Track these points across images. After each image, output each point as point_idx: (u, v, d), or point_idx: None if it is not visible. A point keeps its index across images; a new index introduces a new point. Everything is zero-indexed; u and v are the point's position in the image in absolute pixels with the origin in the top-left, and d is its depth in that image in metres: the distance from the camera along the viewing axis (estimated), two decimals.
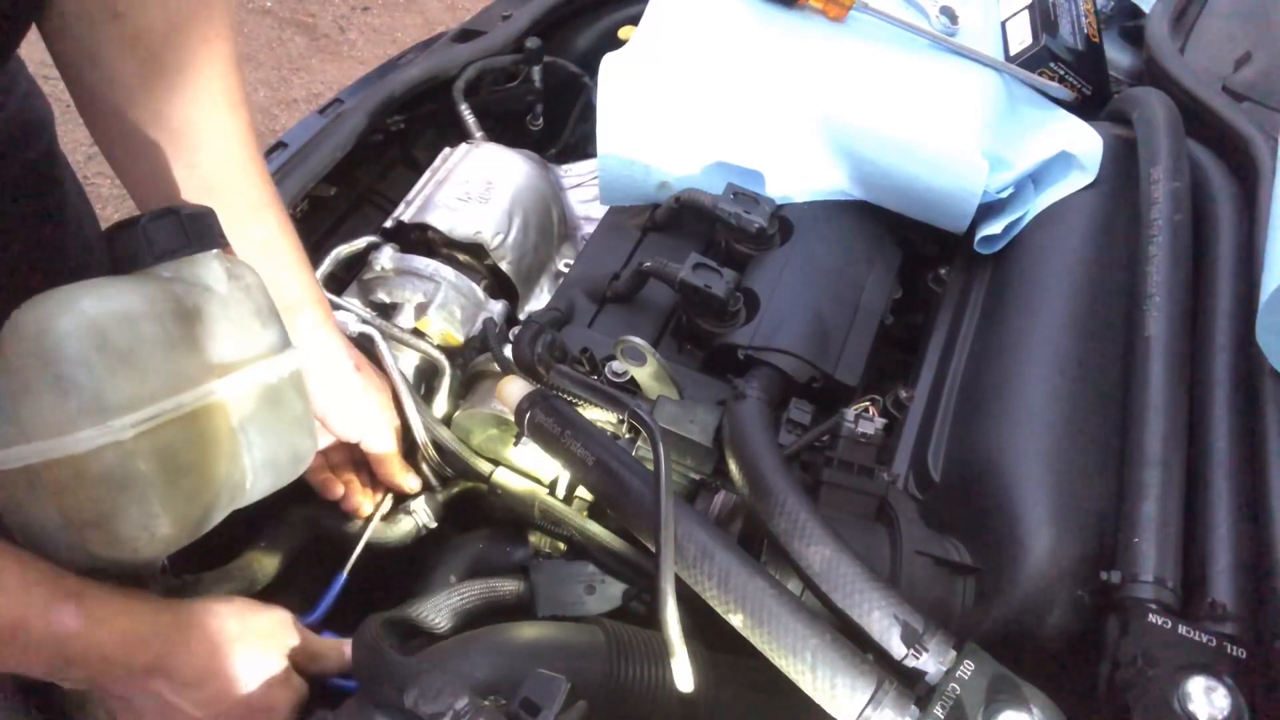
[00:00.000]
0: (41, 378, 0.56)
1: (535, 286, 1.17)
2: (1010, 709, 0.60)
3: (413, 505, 0.94)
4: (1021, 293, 0.97)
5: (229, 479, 0.65)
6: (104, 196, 2.46)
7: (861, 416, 0.83)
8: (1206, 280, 0.93)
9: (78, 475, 0.56)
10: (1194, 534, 0.74)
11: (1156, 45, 1.26)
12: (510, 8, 1.40)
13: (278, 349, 0.70)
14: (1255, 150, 1.01)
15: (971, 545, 0.78)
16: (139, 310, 0.59)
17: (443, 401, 0.96)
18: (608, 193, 1.14)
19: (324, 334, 0.85)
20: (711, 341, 0.96)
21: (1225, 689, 0.61)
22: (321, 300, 0.85)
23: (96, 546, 0.58)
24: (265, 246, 0.78)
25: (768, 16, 1.11)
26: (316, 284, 0.85)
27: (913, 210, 1.08)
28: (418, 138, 1.33)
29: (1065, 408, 0.83)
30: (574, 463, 0.78)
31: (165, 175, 0.72)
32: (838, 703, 0.62)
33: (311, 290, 0.84)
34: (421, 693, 0.63)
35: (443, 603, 0.81)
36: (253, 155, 0.77)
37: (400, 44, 3.05)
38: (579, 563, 0.88)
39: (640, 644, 0.75)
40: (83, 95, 0.71)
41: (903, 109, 1.05)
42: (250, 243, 0.76)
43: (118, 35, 0.67)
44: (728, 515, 0.83)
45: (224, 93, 0.73)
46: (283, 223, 0.81)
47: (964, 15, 1.17)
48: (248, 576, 0.84)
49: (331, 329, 0.86)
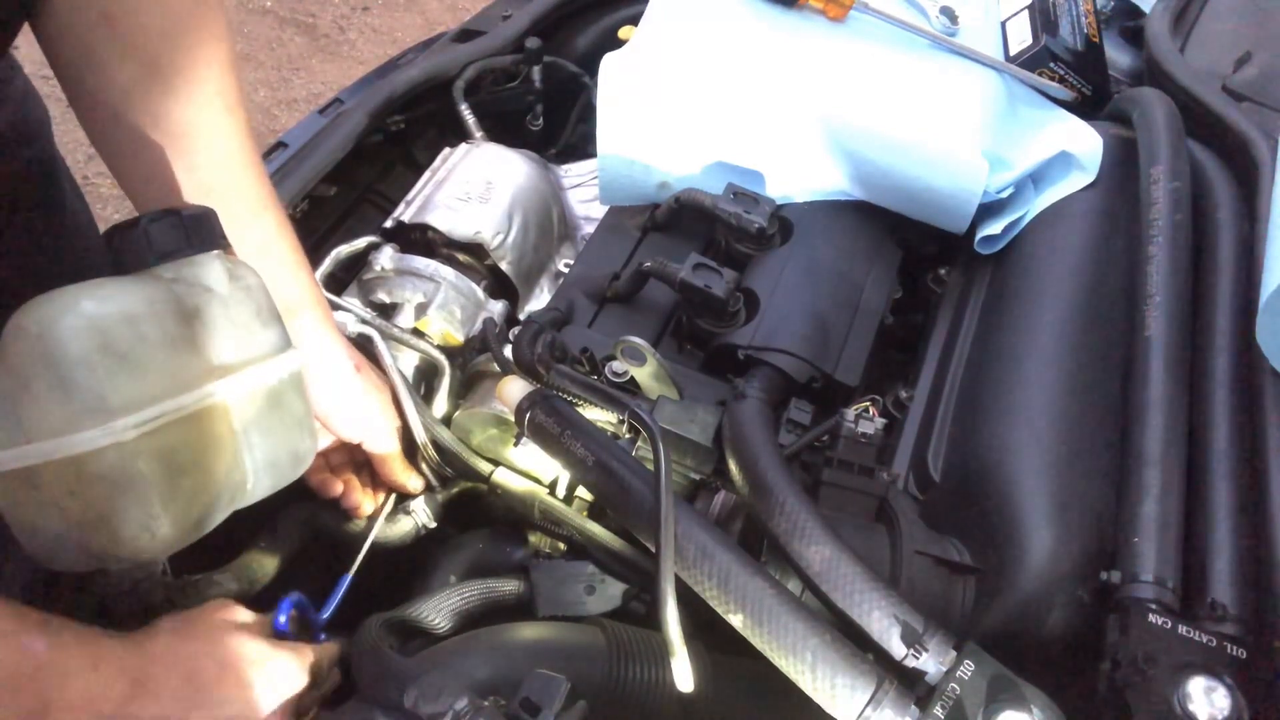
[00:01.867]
0: (43, 378, 0.56)
1: (535, 286, 1.17)
2: (1010, 709, 0.60)
3: (413, 505, 0.94)
4: (1021, 293, 0.97)
5: (230, 480, 0.65)
6: (104, 196, 2.46)
7: (861, 416, 0.83)
8: (1206, 280, 0.93)
9: (79, 476, 0.56)
10: (1194, 534, 0.74)
11: (1156, 45, 1.26)
12: (510, 8, 1.40)
13: (279, 350, 0.70)
14: (1255, 150, 1.01)
15: (971, 545, 0.78)
16: (140, 311, 0.59)
17: (443, 401, 0.96)
18: (608, 193, 1.14)
19: (324, 335, 0.85)
20: (711, 341, 0.96)
21: (1225, 689, 0.61)
22: (321, 302, 0.85)
23: (97, 547, 0.58)
24: (263, 248, 0.78)
25: (768, 16, 1.11)
26: (316, 285, 0.85)
27: (913, 210, 1.08)
28: (418, 138, 1.33)
29: (1065, 408, 0.83)
30: (574, 463, 0.78)
31: (163, 178, 0.72)
32: (838, 703, 0.62)
33: (311, 292, 0.84)
34: (421, 693, 0.63)
35: (443, 603, 0.81)
36: (251, 157, 0.77)
37: (400, 44, 3.05)
38: (579, 563, 0.88)
39: (640, 644, 0.75)
40: (80, 99, 0.71)
41: (903, 109, 1.05)
42: (248, 245, 0.76)
43: (113, 39, 0.67)
44: (728, 515, 0.83)
45: (221, 94, 0.73)
46: (281, 224, 0.81)
47: (964, 15, 1.17)
48: (248, 576, 0.84)
49: (331, 330, 0.86)
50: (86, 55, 0.68)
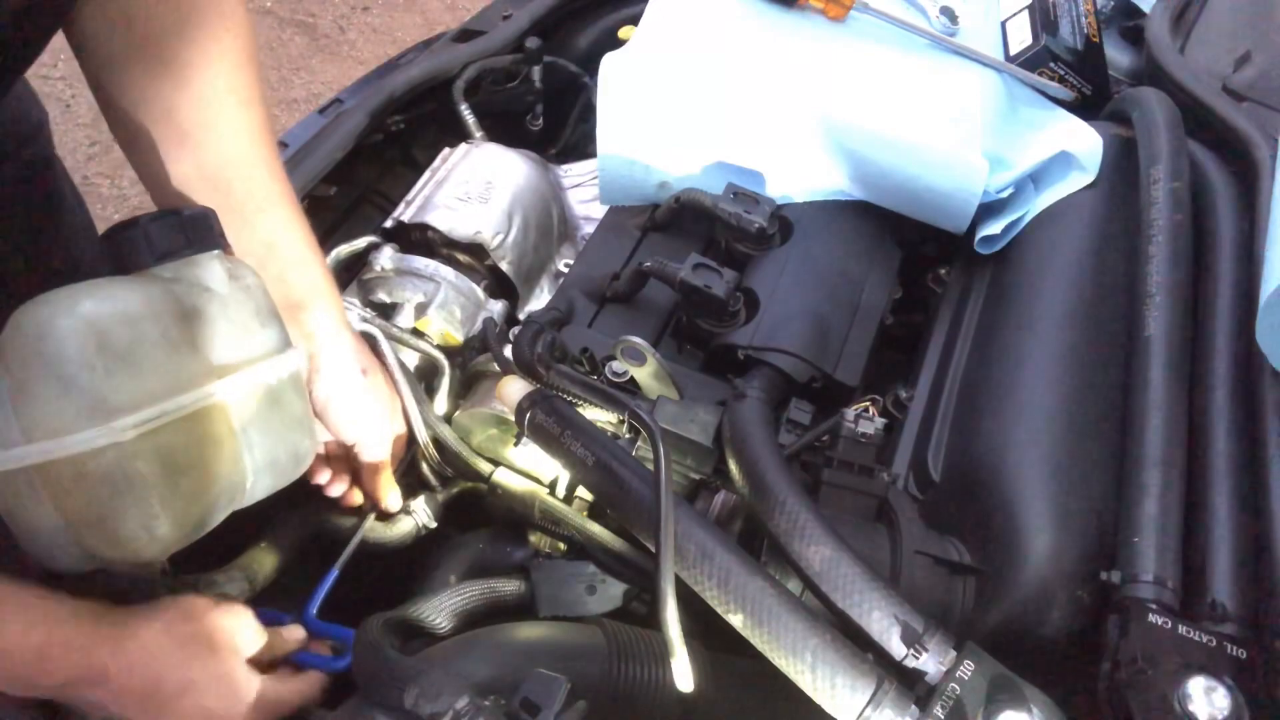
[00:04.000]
0: (42, 379, 0.56)
1: (535, 286, 1.17)
2: (1010, 709, 0.60)
3: (413, 505, 0.94)
4: (1021, 293, 0.97)
5: (229, 479, 0.65)
6: (104, 196, 2.46)
7: (861, 416, 0.83)
8: (1206, 280, 0.93)
9: (78, 476, 0.56)
10: (1194, 534, 0.74)
11: (1156, 45, 1.26)
12: (510, 8, 1.40)
13: (278, 349, 0.70)
14: (1255, 150, 1.01)
15: (971, 545, 0.78)
16: (139, 311, 0.59)
17: (443, 401, 0.96)
18: (608, 193, 1.14)
19: (333, 328, 0.83)
20: (711, 341, 0.96)
21: (1225, 689, 0.61)
22: (333, 294, 0.84)
23: (96, 547, 0.58)
24: (273, 242, 0.78)
25: (768, 16, 1.11)
26: (328, 278, 0.84)
27: (913, 210, 1.08)
28: (418, 138, 1.32)
29: (1065, 407, 0.83)
30: (574, 463, 0.78)
31: (176, 173, 0.73)
32: (838, 703, 0.62)
33: (322, 283, 0.83)
34: (421, 693, 0.63)
35: (443, 603, 0.81)
36: (263, 152, 0.77)
37: (400, 44, 3.05)
38: (579, 563, 0.88)
39: (640, 644, 0.75)
40: (101, 99, 0.73)
41: (903, 109, 1.05)
42: (258, 239, 0.76)
43: (129, 38, 0.69)
44: (728, 515, 0.83)
45: (233, 90, 0.74)
46: (292, 218, 0.80)
47: (964, 15, 1.17)
48: (248, 576, 0.84)
49: (342, 324, 0.84)
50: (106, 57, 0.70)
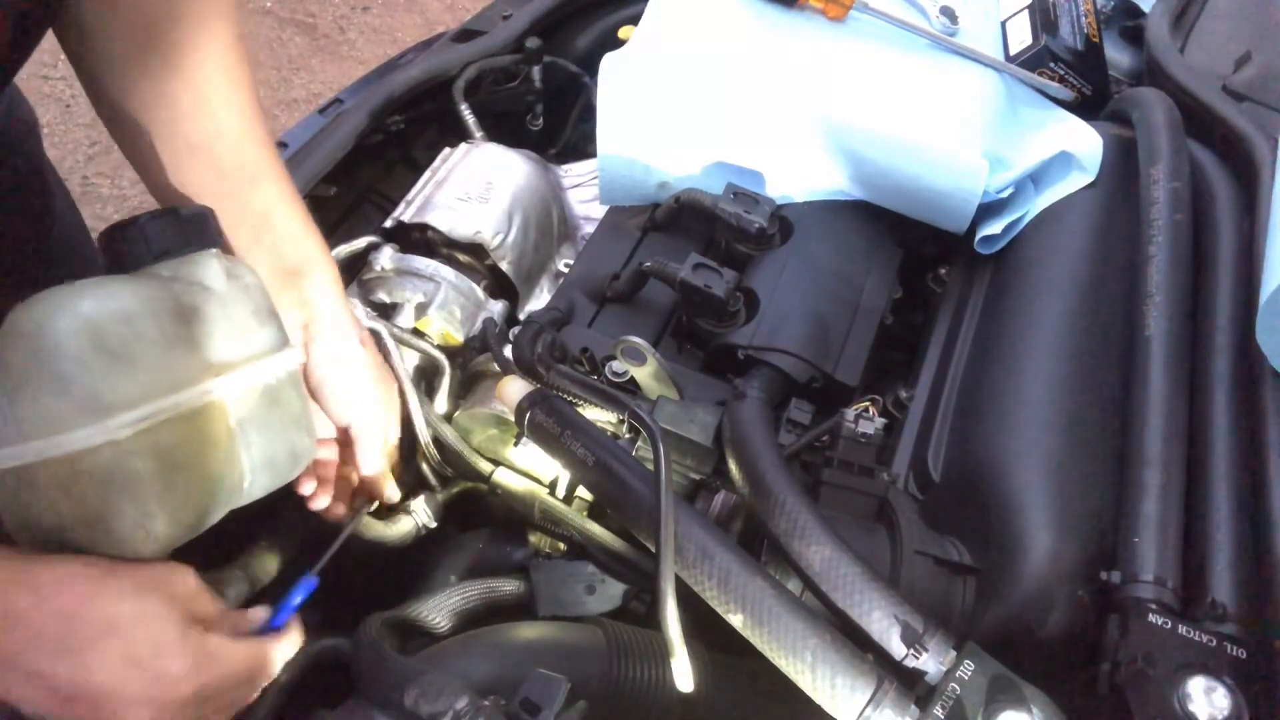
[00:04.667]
0: (38, 377, 0.56)
1: (535, 286, 1.17)
2: (1010, 709, 0.60)
3: (413, 505, 0.94)
4: (1022, 293, 0.97)
5: (227, 478, 0.65)
6: (104, 196, 2.46)
7: (861, 416, 0.83)
8: (1206, 280, 0.93)
9: (75, 474, 0.56)
10: (1194, 534, 0.74)
11: (1156, 45, 1.26)
12: (510, 8, 1.40)
13: (276, 347, 0.70)
14: (1255, 150, 1.01)
15: (971, 545, 0.78)
16: (136, 309, 0.59)
17: (443, 401, 0.96)
18: (608, 193, 1.14)
19: (330, 296, 0.82)
20: (711, 341, 0.96)
21: (1225, 689, 0.61)
22: (329, 263, 0.82)
23: (93, 545, 0.58)
24: (267, 212, 0.78)
25: (768, 16, 1.11)
26: (323, 247, 0.82)
27: (913, 210, 1.08)
28: (418, 138, 1.33)
29: (1065, 407, 0.83)
30: (574, 463, 0.77)
31: (167, 155, 0.73)
32: (838, 703, 0.62)
33: (317, 252, 0.81)
34: (421, 693, 0.63)
35: (443, 603, 0.81)
36: (255, 128, 0.77)
37: (400, 44, 3.05)
38: (579, 563, 0.88)
39: (640, 644, 0.75)
40: (91, 90, 0.72)
41: (903, 109, 1.05)
42: (253, 210, 0.76)
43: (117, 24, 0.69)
44: (728, 515, 0.82)
45: (222, 70, 0.74)
46: (284, 192, 0.80)
47: (964, 15, 1.17)
48: (248, 576, 0.84)
49: (339, 293, 0.83)
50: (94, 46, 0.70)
